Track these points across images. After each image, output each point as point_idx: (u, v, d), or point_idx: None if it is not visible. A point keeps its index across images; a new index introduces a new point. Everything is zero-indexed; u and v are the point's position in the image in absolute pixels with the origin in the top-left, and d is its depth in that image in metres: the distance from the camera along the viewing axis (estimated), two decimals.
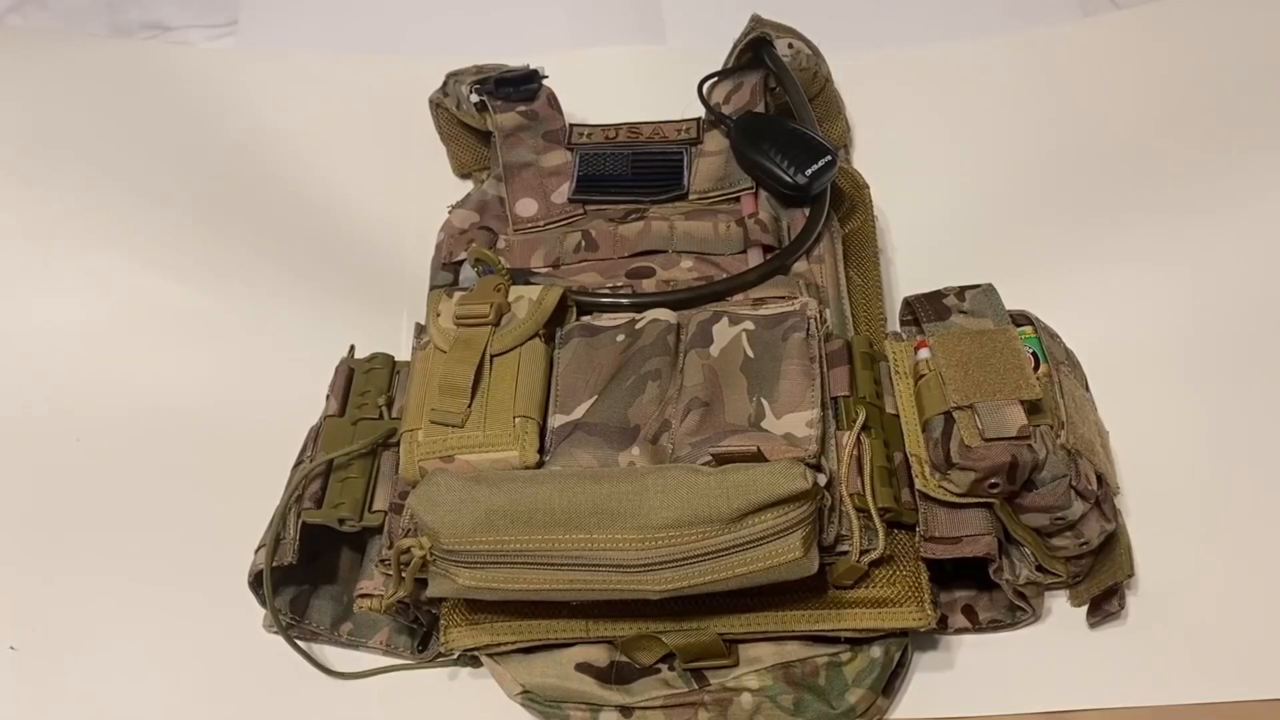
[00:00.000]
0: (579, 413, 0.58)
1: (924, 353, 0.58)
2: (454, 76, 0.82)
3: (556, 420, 0.58)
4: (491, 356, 0.59)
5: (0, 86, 0.88)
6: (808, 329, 0.59)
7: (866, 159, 0.83)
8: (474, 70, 0.82)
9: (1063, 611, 0.61)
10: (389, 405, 0.64)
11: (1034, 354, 0.59)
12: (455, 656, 0.59)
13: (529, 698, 0.58)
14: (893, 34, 0.95)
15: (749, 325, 0.60)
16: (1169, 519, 0.63)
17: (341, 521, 0.59)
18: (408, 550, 0.53)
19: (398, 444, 0.58)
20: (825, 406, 0.57)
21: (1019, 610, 0.59)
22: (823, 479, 0.54)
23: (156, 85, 0.92)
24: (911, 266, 0.77)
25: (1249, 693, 0.57)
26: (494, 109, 0.78)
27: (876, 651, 0.56)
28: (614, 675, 0.58)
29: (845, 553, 0.54)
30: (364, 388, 0.64)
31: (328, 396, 0.65)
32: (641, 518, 0.50)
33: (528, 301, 0.61)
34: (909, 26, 0.96)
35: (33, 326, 0.77)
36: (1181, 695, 0.57)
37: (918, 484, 0.56)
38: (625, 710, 0.57)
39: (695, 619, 0.56)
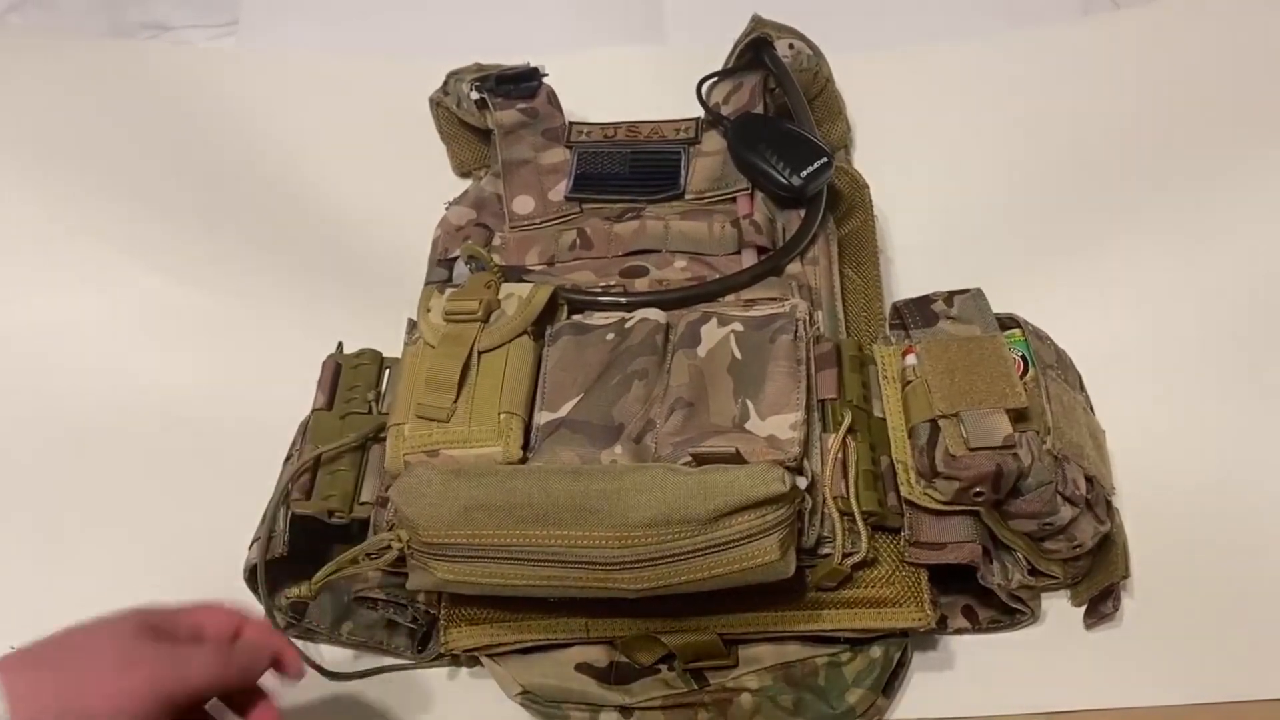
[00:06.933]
0: (565, 410, 0.58)
1: (911, 359, 0.58)
2: (454, 75, 0.82)
3: (543, 417, 0.58)
4: (479, 353, 0.59)
5: (0, 86, 0.88)
6: (795, 331, 0.59)
7: (866, 159, 0.83)
8: (475, 69, 0.82)
9: (1062, 612, 0.60)
10: (377, 400, 0.64)
11: (1022, 357, 0.59)
12: (455, 656, 0.59)
13: (529, 698, 0.58)
14: (893, 34, 0.95)
15: (737, 326, 0.60)
16: (1167, 519, 0.63)
17: (330, 514, 0.59)
18: (385, 543, 0.53)
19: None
20: (811, 409, 0.57)
21: (1018, 611, 0.59)
22: (803, 482, 0.53)
23: (156, 85, 0.92)
24: (911, 266, 0.77)
25: (1247, 693, 0.57)
26: (494, 106, 0.78)
27: (876, 651, 0.56)
28: (614, 675, 0.58)
29: (827, 555, 0.54)
30: (352, 382, 0.64)
31: (316, 391, 0.65)
32: (619, 516, 0.50)
33: (518, 299, 0.61)
34: (909, 26, 0.96)
35: (33, 326, 0.77)
36: (1180, 695, 0.57)
37: (903, 490, 0.55)
38: (625, 710, 0.57)
39: (695, 619, 0.56)
